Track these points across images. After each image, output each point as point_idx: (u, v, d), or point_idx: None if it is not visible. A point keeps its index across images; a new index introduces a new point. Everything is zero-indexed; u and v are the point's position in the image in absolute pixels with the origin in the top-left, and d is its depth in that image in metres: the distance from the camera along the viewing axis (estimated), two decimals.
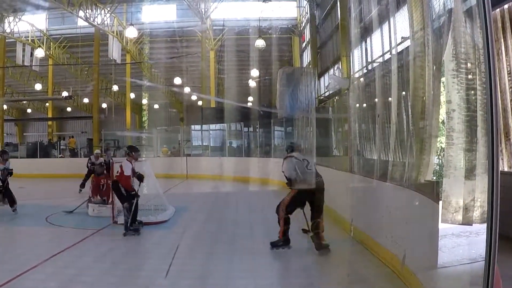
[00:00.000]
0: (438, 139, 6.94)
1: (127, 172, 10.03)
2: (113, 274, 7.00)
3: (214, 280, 6.74)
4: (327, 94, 24.43)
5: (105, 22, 30.55)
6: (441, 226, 6.06)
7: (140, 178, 10.52)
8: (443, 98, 6.74)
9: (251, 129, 25.67)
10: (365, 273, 6.97)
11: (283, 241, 8.24)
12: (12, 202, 13.23)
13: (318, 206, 8.31)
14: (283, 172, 8.43)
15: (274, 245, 8.25)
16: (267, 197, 17.41)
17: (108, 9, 30.60)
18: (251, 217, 12.58)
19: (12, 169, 14.72)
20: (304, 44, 32.61)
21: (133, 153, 10.56)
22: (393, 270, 6.65)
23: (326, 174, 12.42)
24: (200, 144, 28.75)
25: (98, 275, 6.94)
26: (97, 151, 20.32)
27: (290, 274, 7.12)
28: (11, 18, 32.36)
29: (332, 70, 24.18)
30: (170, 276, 6.86)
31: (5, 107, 41.75)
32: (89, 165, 17.26)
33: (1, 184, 14.21)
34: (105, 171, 13.69)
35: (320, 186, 8.37)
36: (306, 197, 8.31)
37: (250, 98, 37.03)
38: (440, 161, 7.29)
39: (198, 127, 29.83)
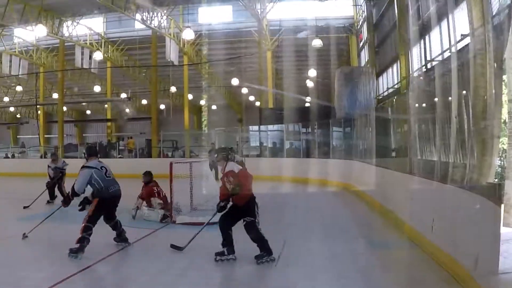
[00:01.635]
0: (500, 139, 6.73)
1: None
2: (169, 273, 7.13)
3: (270, 281, 6.78)
4: (386, 93, 24.08)
5: (162, 25, 31.02)
6: (503, 230, 5.88)
7: None
8: (504, 97, 6.54)
9: (309, 129, 25.53)
10: (423, 277, 6.83)
11: (77, 248, 8.02)
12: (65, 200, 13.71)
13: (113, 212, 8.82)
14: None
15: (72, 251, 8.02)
16: (326, 198, 17.34)
17: (165, 11, 31.06)
18: (309, 218, 12.50)
19: (64, 169, 15.31)
20: (361, 43, 32.21)
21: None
22: (452, 274, 6.49)
23: (385, 175, 12.30)
24: (258, 145, 28.81)
25: (154, 273, 7.08)
26: None
27: (345, 275, 7.03)
28: (69, 22, 33.23)
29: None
30: (225, 276, 6.99)
31: (65, 108, 43.05)
32: None
33: (50, 181, 14.96)
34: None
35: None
36: (108, 204, 8.62)
37: (308, 98, 36.86)
38: (502, 162, 7.07)
39: (256, 127, 29.91)
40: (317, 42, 28.56)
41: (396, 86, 22.06)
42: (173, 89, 41.03)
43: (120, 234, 9.14)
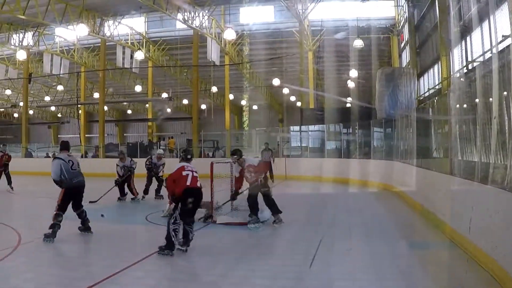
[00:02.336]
0: None
1: None
2: (210, 273, 7.21)
3: (312, 282, 6.78)
4: (427, 94, 23.88)
5: (203, 25, 31.28)
6: None
7: None
8: None
9: (350, 130, 25.48)
10: (463, 278, 6.85)
11: (50, 234, 9.16)
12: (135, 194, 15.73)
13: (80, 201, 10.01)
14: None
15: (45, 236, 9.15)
16: (366, 198, 17.33)
17: (206, 11, 31.33)
18: (349, 219, 12.54)
19: (133, 167, 15.92)
20: (402, 44, 31.97)
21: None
22: (493, 275, 6.50)
23: (426, 176, 12.26)
24: (299, 145, 28.86)
25: (195, 273, 7.23)
26: (159, 151, 20.10)
27: (385, 276, 7.06)
28: (110, 22, 33.69)
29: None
30: (266, 276, 6.99)
31: (106, 108, 43.69)
32: (147, 165, 17.00)
33: (118, 179, 15.83)
34: None
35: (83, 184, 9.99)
36: (73, 194, 9.78)
37: (349, 99, 36.75)
38: None
39: (297, 128, 29.97)
40: (358, 43, 28.50)
41: (437, 87, 21.89)
42: (214, 89, 41.34)
43: (84, 222, 10.15)
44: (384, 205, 15.04)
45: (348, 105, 33.10)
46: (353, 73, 32.49)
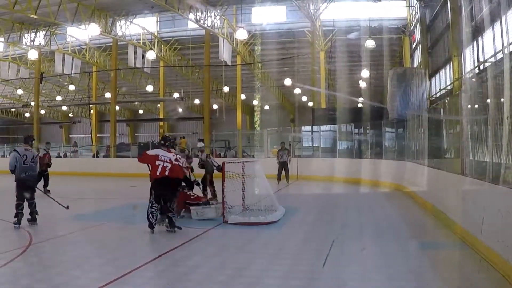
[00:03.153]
0: None
1: None
2: (222, 272, 7.22)
3: (324, 282, 6.81)
4: (438, 95, 23.82)
5: (215, 24, 31.34)
6: None
7: None
8: None
9: (361, 130, 25.45)
10: (474, 278, 6.86)
11: (15, 221, 10.55)
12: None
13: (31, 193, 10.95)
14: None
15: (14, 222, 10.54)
16: (378, 198, 17.32)
17: (218, 11, 31.40)
18: (361, 219, 12.56)
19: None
20: (414, 44, 31.89)
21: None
22: (504, 275, 6.51)
23: (437, 176, 12.26)
24: (311, 145, 28.87)
25: (207, 273, 7.19)
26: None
27: (397, 276, 7.07)
28: (122, 22, 33.83)
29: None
30: (277, 276, 7.01)
31: (117, 108, 43.82)
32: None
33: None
34: None
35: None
36: (22, 185, 10.76)
37: (361, 99, 36.71)
38: None
39: (308, 128, 29.97)
40: (370, 43, 28.47)
41: (448, 87, 21.83)
42: (226, 89, 41.40)
43: (32, 213, 10.96)
44: (396, 205, 15.03)
45: (360, 105, 33.08)
46: (365, 73, 32.44)
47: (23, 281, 6.71)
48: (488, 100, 8.30)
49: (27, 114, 57.70)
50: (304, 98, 47.34)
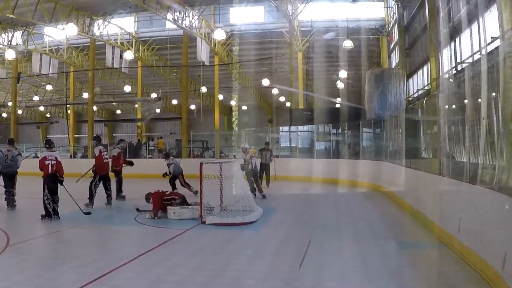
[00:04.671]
0: None
1: None
2: (200, 273, 7.18)
3: (302, 282, 6.79)
4: (416, 95, 24.00)
5: (193, 25, 31.22)
6: None
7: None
8: None
9: (339, 130, 25.54)
10: (453, 277, 6.89)
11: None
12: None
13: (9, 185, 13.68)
14: None
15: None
16: (356, 199, 17.38)
17: (196, 11, 31.28)
18: (339, 219, 12.58)
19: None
20: (392, 45, 32.10)
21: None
22: (482, 275, 6.55)
23: (415, 176, 12.34)
24: (289, 145, 28.90)
25: (186, 274, 7.15)
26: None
27: (375, 276, 7.07)
28: (100, 21, 33.55)
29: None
30: (256, 277, 6.99)
31: (95, 108, 43.46)
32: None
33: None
34: None
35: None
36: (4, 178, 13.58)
37: (339, 100, 36.85)
38: None
39: (286, 128, 30.01)
40: (348, 44, 28.58)
41: (426, 88, 22.00)
42: (203, 89, 41.27)
43: (8, 199, 13.60)
44: (373, 205, 15.11)
45: (338, 105, 33.20)
46: (343, 73, 32.54)
47: (1, 283, 6.61)
48: (465, 101, 8.36)
49: (4, 115, 56.88)
50: (282, 99, 47.38)
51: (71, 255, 8.44)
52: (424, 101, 13.44)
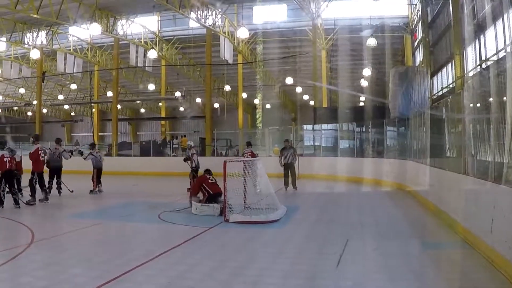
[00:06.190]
0: None
1: None
2: (222, 271, 7.19)
3: (323, 281, 6.75)
4: (440, 93, 23.71)
5: (217, 23, 31.30)
6: None
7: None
8: None
9: (363, 129, 25.35)
10: (477, 278, 6.79)
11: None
12: None
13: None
14: None
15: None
16: (379, 197, 17.25)
17: (219, 10, 31.33)
18: (362, 218, 12.49)
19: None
20: (416, 43, 31.77)
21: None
22: (507, 276, 6.45)
23: (440, 175, 12.19)
24: (312, 144, 28.78)
25: (207, 272, 7.18)
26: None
27: (398, 276, 7.00)
28: (124, 21, 33.94)
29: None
30: (277, 276, 6.97)
31: (119, 107, 43.87)
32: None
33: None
34: None
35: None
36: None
37: (362, 98, 36.66)
38: None
39: (310, 126, 29.90)
40: (371, 41, 28.38)
41: (450, 86, 21.74)
42: (227, 87, 41.34)
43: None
44: (397, 204, 14.98)
45: (361, 104, 33.00)
46: (367, 71, 32.34)
47: (24, 278, 6.71)
48: (491, 99, 8.23)
49: (29, 113, 57.73)
50: (306, 97, 47.27)
51: (94, 251, 8.57)
52: (448, 99, 13.25)
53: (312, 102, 40.64)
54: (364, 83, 34.93)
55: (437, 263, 7.75)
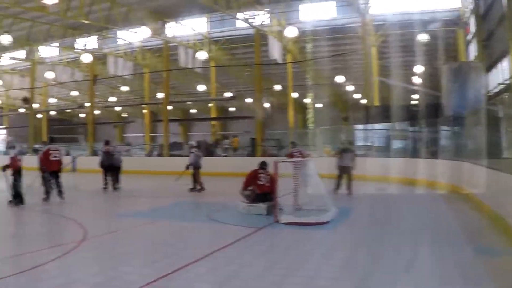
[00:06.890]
0: None
1: None
2: (272, 272, 7.21)
3: (373, 285, 6.68)
4: (496, 90, 22.84)
5: (264, 23, 31.27)
6: None
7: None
8: None
9: (417, 128, 24.74)
10: None
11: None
12: None
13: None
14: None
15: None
16: (433, 200, 16.75)
17: (267, 10, 31.25)
18: (414, 221, 12.12)
19: None
20: (469, 37, 30.78)
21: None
22: None
23: (497, 178, 11.69)
24: (364, 144, 28.35)
25: (257, 272, 7.23)
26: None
27: (451, 283, 6.75)
28: (172, 23, 34.42)
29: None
30: (327, 277, 6.92)
31: (170, 108, 44.48)
32: None
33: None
34: None
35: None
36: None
37: (415, 96, 35.86)
38: None
39: (361, 126, 29.47)
40: (423, 37, 27.70)
41: (507, 82, 20.91)
42: (277, 87, 41.24)
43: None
44: (451, 207, 14.50)
45: (414, 102, 32.31)
46: (419, 68, 31.60)
47: (76, 274, 7.00)
48: None
49: (83, 115, 59.29)
50: (357, 96, 46.71)
51: (145, 250, 8.90)
52: (505, 96, 12.73)
53: (363, 101, 40.09)
54: (416, 80, 34.16)
55: (493, 271, 7.40)
